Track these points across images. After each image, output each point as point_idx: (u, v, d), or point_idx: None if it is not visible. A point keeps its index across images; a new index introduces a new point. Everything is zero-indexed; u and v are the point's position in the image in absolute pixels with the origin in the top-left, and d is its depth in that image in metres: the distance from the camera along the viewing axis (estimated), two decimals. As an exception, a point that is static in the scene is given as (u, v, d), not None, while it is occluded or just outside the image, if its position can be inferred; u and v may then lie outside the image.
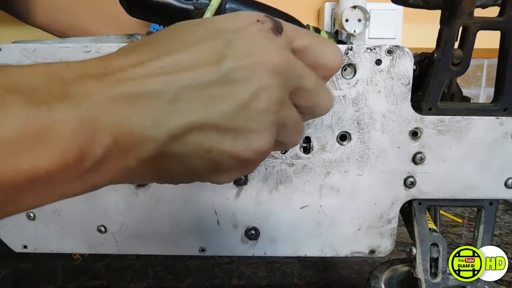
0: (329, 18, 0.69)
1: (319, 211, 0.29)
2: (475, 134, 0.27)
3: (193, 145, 0.16)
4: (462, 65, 0.26)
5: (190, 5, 0.27)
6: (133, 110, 0.15)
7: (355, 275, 0.40)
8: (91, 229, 0.30)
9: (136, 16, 0.29)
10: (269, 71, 0.16)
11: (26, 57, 0.26)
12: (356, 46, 0.26)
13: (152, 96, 0.15)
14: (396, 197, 0.29)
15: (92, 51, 0.26)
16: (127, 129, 0.15)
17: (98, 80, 0.14)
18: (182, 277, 0.40)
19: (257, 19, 0.17)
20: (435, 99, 0.27)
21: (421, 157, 0.27)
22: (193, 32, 0.17)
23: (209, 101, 0.15)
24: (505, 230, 0.50)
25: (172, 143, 0.15)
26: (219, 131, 0.16)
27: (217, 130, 0.16)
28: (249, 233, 0.29)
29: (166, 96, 0.15)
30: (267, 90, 0.16)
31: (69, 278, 0.40)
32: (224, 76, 0.15)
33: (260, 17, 0.17)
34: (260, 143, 0.16)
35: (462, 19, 0.25)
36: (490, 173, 0.28)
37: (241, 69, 0.15)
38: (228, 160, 0.16)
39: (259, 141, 0.16)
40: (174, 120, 0.15)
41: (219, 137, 0.16)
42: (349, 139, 0.28)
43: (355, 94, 0.27)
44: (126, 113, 0.15)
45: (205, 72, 0.15)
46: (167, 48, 0.16)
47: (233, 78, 0.15)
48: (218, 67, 0.15)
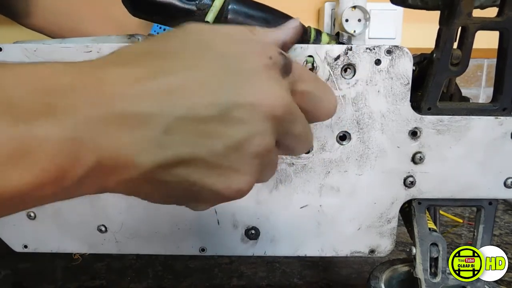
0: (329, 18, 0.69)
1: (319, 210, 0.29)
2: (474, 134, 0.27)
3: (177, 177, 0.15)
4: (461, 65, 0.26)
5: (192, 6, 0.27)
6: (122, 134, 0.14)
7: (355, 275, 0.40)
8: (91, 228, 0.30)
9: (138, 16, 0.29)
10: (267, 117, 0.15)
11: (27, 57, 0.27)
12: (356, 46, 0.26)
13: (145, 121, 0.14)
14: (396, 197, 0.29)
15: (93, 51, 0.26)
16: (113, 152, 0.14)
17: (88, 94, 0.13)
18: (182, 277, 0.40)
19: (270, 55, 0.16)
20: (434, 99, 0.27)
21: (420, 156, 0.27)
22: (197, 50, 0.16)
23: (202, 137, 0.15)
24: (505, 230, 0.50)
25: (157, 172, 0.15)
26: (206, 167, 0.15)
27: (204, 166, 0.15)
28: (249, 233, 0.30)
29: (159, 124, 0.14)
30: (261, 136, 0.16)
31: (69, 278, 0.40)
32: (222, 112, 0.15)
33: (273, 54, 0.16)
34: (242, 184, 0.16)
35: (461, 19, 0.25)
36: (489, 173, 0.28)
37: (240, 109, 0.15)
38: (208, 194, 0.16)
39: (241, 182, 0.16)
40: (163, 152, 0.14)
41: (204, 172, 0.15)
42: (349, 139, 0.28)
43: (355, 94, 0.27)
44: (114, 135, 0.14)
45: (203, 106, 0.15)
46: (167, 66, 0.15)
47: (230, 117, 0.15)
48: (217, 101, 0.15)
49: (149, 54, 0.15)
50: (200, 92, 0.15)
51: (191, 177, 0.15)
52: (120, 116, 0.14)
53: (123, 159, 0.14)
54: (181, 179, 0.15)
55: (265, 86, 0.16)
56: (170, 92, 0.14)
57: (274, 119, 0.16)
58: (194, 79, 0.15)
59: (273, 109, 0.15)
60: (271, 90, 0.16)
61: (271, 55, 0.16)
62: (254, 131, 0.15)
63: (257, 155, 0.16)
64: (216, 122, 0.15)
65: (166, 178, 0.15)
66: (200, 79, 0.15)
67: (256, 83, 0.15)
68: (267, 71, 0.16)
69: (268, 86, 0.16)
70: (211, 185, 0.16)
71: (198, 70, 0.15)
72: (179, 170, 0.15)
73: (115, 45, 0.26)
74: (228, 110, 0.15)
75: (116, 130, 0.14)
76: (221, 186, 0.16)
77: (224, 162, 0.15)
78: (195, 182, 0.16)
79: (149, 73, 0.14)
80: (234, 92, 0.15)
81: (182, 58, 0.15)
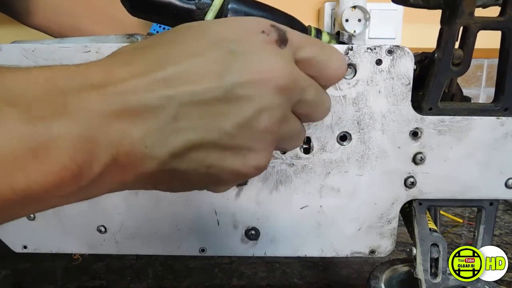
0: (329, 18, 0.69)
1: (319, 211, 0.29)
2: (475, 134, 0.27)
3: (193, 163, 0.16)
4: (463, 65, 0.26)
5: (192, 5, 0.27)
6: (135, 127, 0.14)
7: (355, 275, 0.40)
8: (91, 229, 0.30)
9: (137, 15, 0.29)
10: (272, 90, 0.15)
11: (26, 57, 0.26)
12: (356, 46, 0.26)
13: (154, 112, 0.14)
14: (396, 197, 0.29)
15: (92, 51, 0.26)
16: (127, 147, 0.14)
17: (99, 92, 0.14)
18: (182, 277, 0.40)
19: (262, 29, 0.17)
20: (436, 99, 0.27)
21: (421, 157, 0.27)
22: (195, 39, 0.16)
23: (211, 119, 0.15)
24: (505, 230, 0.50)
25: (172, 161, 0.15)
26: (219, 149, 0.16)
27: (217, 148, 0.16)
28: (249, 233, 0.29)
29: (168, 113, 0.15)
30: (269, 109, 0.16)
31: (69, 278, 0.40)
32: (226, 93, 0.15)
33: (265, 27, 0.17)
34: (258, 160, 0.16)
35: (462, 19, 0.25)
36: (490, 173, 0.28)
37: (244, 86, 0.15)
38: (226, 175, 0.17)
39: (257, 159, 0.16)
40: (175, 139, 0.15)
41: (219, 154, 0.16)
42: (349, 139, 0.28)
43: (356, 94, 0.27)
44: (127, 130, 0.14)
45: (207, 89, 0.15)
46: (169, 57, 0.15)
47: (235, 96, 0.15)
48: (220, 83, 0.15)
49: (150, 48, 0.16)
50: (202, 76, 0.15)
51: (206, 161, 0.16)
52: (132, 110, 0.14)
53: (137, 153, 0.15)
54: (197, 164, 0.16)
55: (264, 61, 0.16)
56: (173, 80, 0.15)
57: (281, 90, 0.16)
58: (195, 65, 0.15)
59: (277, 80, 0.15)
60: (271, 62, 0.16)
61: (263, 29, 0.17)
62: (261, 107, 0.15)
63: (268, 130, 0.16)
64: (221, 103, 0.15)
65: (182, 166, 0.16)
66: (200, 64, 0.15)
67: (256, 58, 0.16)
68: (263, 44, 0.16)
69: (267, 59, 0.16)
70: (228, 165, 0.16)
71: (198, 56, 0.15)
72: (193, 155, 0.15)
73: (114, 45, 0.26)
74: (232, 89, 0.15)
75: (127, 125, 0.14)
76: (238, 165, 0.16)
77: (236, 142, 0.16)
78: (211, 164, 0.16)
79: (152, 65, 0.15)
80: (235, 71, 0.15)
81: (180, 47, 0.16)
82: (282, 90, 0.16)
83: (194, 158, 0.16)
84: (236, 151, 0.16)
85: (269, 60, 0.16)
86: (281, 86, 0.16)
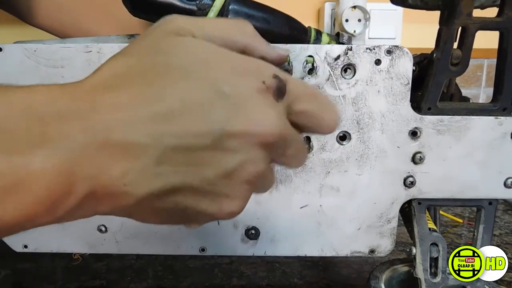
0: (329, 18, 0.69)
1: (319, 210, 0.29)
2: (474, 134, 0.27)
3: (170, 203, 0.16)
4: (461, 65, 0.26)
5: (193, 6, 0.27)
6: (115, 164, 0.14)
7: (355, 275, 0.40)
8: (91, 228, 0.30)
9: (138, 16, 0.29)
10: (259, 145, 0.15)
11: (28, 57, 0.27)
12: (356, 46, 0.26)
13: (137, 151, 0.14)
14: (396, 197, 0.29)
15: (93, 51, 0.26)
16: (106, 182, 0.14)
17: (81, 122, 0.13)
18: (182, 277, 0.40)
19: (263, 79, 0.16)
20: (435, 99, 0.27)
21: (420, 156, 0.27)
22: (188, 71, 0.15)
23: (194, 166, 0.15)
24: (505, 230, 0.50)
25: (149, 200, 0.15)
26: (198, 194, 0.16)
27: (196, 193, 0.16)
28: (249, 233, 0.30)
29: (152, 154, 0.14)
30: (253, 163, 0.16)
31: (69, 278, 0.40)
32: (214, 142, 0.15)
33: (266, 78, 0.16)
34: (233, 207, 0.17)
35: (461, 19, 0.25)
36: (489, 173, 0.28)
37: (232, 138, 0.15)
38: (200, 217, 0.17)
39: (233, 206, 0.17)
40: (155, 182, 0.15)
41: (196, 198, 0.16)
42: (349, 139, 0.28)
43: (355, 94, 0.27)
44: (107, 165, 0.14)
45: (195, 135, 0.14)
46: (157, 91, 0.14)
47: (222, 146, 0.15)
48: (209, 130, 0.15)
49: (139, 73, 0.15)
50: (191, 119, 0.14)
51: (184, 204, 0.16)
52: (112, 145, 0.14)
53: (115, 189, 0.14)
54: (174, 205, 0.16)
55: (257, 114, 0.15)
56: (161, 119, 0.14)
57: (267, 146, 0.16)
58: (185, 104, 0.14)
59: (266, 137, 0.15)
60: (264, 117, 0.15)
61: (264, 79, 0.16)
62: (246, 160, 0.15)
63: (248, 182, 0.16)
64: (207, 151, 0.15)
65: (159, 205, 0.16)
66: (191, 105, 0.14)
67: (249, 109, 0.15)
68: (260, 96, 0.16)
69: (260, 113, 0.15)
70: (204, 210, 0.16)
71: (189, 95, 0.15)
72: (171, 197, 0.15)
73: (115, 45, 0.26)
74: (220, 139, 0.15)
75: (108, 159, 0.14)
76: (213, 210, 0.16)
77: (215, 189, 0.16)
78: (187, 207, 0.16)
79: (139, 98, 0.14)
80: (226, 120, 0.15)
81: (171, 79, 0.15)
82: (269, 145, 0.16)
83: (172, 200, 0.15)
84: (214, 197, 0.16)
85: (262, 113, 0.15)
86: (269, 142, 0.16)
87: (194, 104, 0.15)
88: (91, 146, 0.13)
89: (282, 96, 0.16)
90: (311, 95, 0.18)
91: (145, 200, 0.15)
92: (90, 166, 0.13)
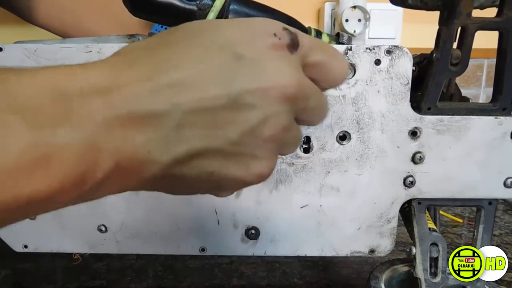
0: (329, 18, 0.69)
1: (319, 210, 0.29)
2: (474, 133, 0.27)
3: (196, 169, 0.16)
4: (461, 65, 0.26)
5: (193, 6, 0.27)
6: (138, 133, 0.14)
7: (355, 275, 0.40)
8: (91, 228, 0.30)
9: (139, 16, 0.29)
10: (279, 98, 0.15)
11: (28, 57, 0.27)
12: (356, 46, 0.26)
13: (158, 119, 0.14)
14: (396, 197, 0.29)
15: (93, 51, 0.26)
16: (131, 152, 0.14)
17: (103, 98, 0.14)
18: (182, 277, 0.40)
19: (274, 32, 0.16)
20: (434, 98, 0.27)
21: (420, 156, 0.28)
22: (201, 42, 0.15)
23: (215, 127, 0.15)
24: (505, 230, 0.50)
25: (174, 167, 0.15)
26: (222, 156, 0.16)
27: (220, 156, 0.15)
28: (249, 233, 0.30)
29: (173, 120, 0.14)
30: (275, 117, 0.15)
31: (69, 278, 0.40)
32: (232, 101, 0.15)
33: (277, 30, 0.16)
34: (262, 169, 0.16)
35: (460, 19, 0.25)
36: (489, 172, 0.28)
37: (251, 94, 0.15)
38: (229, 182, 0.16)
39: (261, 167, 0.16)
40: (179, 146, 0.15)
41: (222, 162, 0.16)
42: (349, 138, 0.28)
43: (355, 94, 0.27)
44: (131, 136, 0.14)
45: (213, 96, 0.15)
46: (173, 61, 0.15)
47: (241, 104, 0.15)
48: (226, 90, 0.15)
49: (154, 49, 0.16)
50: (208, 83, 0.15)
51: (209, 168, 0.16)
52: (136, 115, 0.14)
53: (140, 159, 0.14)
54: (200, 171, 0.16)
55: (273, 68, 0.15)
56: (178, 86, 0.14)
57: (287, 99, 0.16)
58: (201, 70, 0.15)
59: (285, 90, 0.15)
60: (281, 70, 0.15)
61: (275, 31, 0.16)
62: (267, 115, 0.15)
63: (273, 138, 0.16)
64: (227, 111, 0.15)
65: (185, 172, 0.15)
66: (207, 70, 0.15)
67: (264, 65, 0.15)
68: (274, 50, 0.16)
69: (276, 67, 0.15)
70: (231, 174, 0.16)
71: (204, 60, 0.15)
72: (196, 163, 0.15)
73: (115, 45, 0.26)
74: (238, 97, 0.15)
75: (131, 131, 0.14)
76: (241, 173, 0.16)
77: (240, 150, 0.15)
78: (214, 172, 0.16)
79: (156, 69, 0.15)
80: (242, 78, 0.15)
81: (185, 49, 0.15)
82: (289, 99, 0.16)
83: (197, 165, 0.15)
84: (240, 159, 0.16)
85: (278, 67, 0.15)
86: (288, 95, 0.15)
87: (209, 68, 0.15)
88: (114, 120, 0.14)
89: (296, 48, 0.16)
90: (322, 45, 0.18)
91: (170, 167, 0.15)
92: (114, 139, 0.14)
